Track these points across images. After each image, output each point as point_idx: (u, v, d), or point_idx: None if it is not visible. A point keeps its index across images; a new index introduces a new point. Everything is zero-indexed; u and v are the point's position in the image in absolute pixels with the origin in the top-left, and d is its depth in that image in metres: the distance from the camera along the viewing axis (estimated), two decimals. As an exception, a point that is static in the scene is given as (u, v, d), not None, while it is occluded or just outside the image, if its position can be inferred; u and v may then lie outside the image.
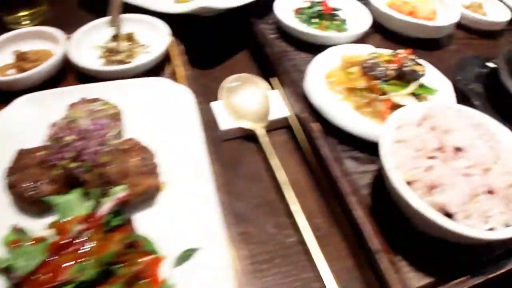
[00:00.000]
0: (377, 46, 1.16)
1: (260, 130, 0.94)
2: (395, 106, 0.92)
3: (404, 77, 0.95)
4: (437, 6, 1.32)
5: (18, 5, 1.23)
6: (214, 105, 0.99)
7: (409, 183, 0.73)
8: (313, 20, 1.20)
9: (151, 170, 0.75)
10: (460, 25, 1.37)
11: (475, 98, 1.01)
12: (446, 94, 1.00)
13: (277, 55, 1.12)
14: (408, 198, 0.70)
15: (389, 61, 0.98)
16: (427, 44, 1.24)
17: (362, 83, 0.96)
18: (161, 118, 0.88)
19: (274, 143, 0.91)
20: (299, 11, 1.23)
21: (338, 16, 1.21)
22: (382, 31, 1.27)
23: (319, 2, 1.22)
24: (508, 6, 1.47)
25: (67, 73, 1.04)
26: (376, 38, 1.25)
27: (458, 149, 0.76)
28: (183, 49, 1.09)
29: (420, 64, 0.98)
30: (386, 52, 1.02)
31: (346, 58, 1.04)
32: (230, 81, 1.05)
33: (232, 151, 0.93)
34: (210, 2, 1.08)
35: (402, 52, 0.99)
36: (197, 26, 1.20)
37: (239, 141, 0.96)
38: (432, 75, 1.05)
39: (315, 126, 0.92)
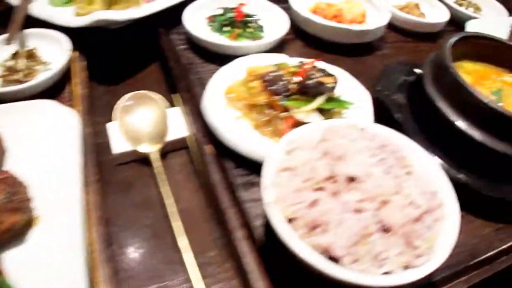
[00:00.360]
0: (299, 54, 1.05)
1: (154, 154, 0.82)
2: (299, 124, 0.80)
3: (309, 91, 0.83)
4: (367, 8, 1.21)
5: None
6: (109, 126, 0.87)
7: (291, 220, 0.60)
8: (225, 29, 1.08)
9: (19, 205, 0.66)
10: (395, 28, 1.26)
11: (396, 110, 0.89)
12: (363, 107, 0.88)
13: (182, 68, 1.01)
14: (286, 239, 0.57)
15: (294, 73, 0.85)
16: (355, 50, 1.12)
17: (262, 98, 0.84)
18: (42, 145, 0.78)
19: (172, 167, 0.84)
20: (211, 19, 1.11)
21: (252, 22, 1.08)
22: (304, 38, 1.15)
23: (232, 9, 1.10)
24: (447, 5, 1.36)
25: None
26: (297, 46, 1.13)
27: (351, 179, 0.63)
28: (84, 65, 0.97)
29: (331, 75, 0.86)
30: (293, 63, 0.89)
31: (250, 71, 0.91)
32: (126, 100, 0.93)
33: (125, 177, 0.83)
34: (108, 14, 0.96)
35: (308, 63, 0.87)
36: (103, 39, 1.08)
37: (133, 165, 0.85)
38: (350, 86, 0.93)
39: (208, 149, 0.81)
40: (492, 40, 0.97)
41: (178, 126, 0.90)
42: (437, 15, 1.31)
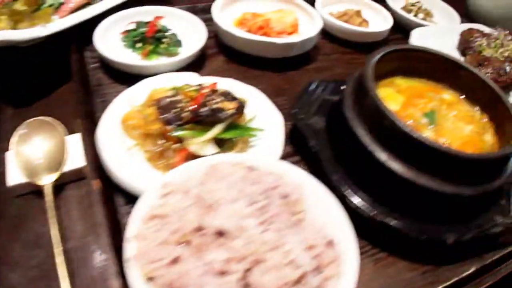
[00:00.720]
0: (220, 71, 0.95)
1: (47, 186, 0.72)
2: (195, 158, 0.69)
3: (204, 120, 0.72)
4: (300, 17, 1.10)
5: None
6: (7, 155, 0.77)
7: (151, 279, 0.50)
8: (138, 45, 0.97)
9: None
10: (332, 38, 1.15)
11: (312, 137, 0.78)
12: (274, 134, 0.78)
13: (87, 90, 0.90)
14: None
15: (192, 99, 0.75)
16: (284, 64, 1.02)
17: (155, 127, 0.73)
18: None
19: (69, 199, 0.74)
20: (125, 35, 1.00)
21: (167, 38, 0.97)
22: (228, 53, 1.04)
23: (146, 23, 0.99)
24: (392, 11, 1.25)
25: None
26: (220, 61, 1.02)
27: (220, 233, 0.52)
28: None
29: (234, 99, 0.75)
30: (194, 86, 0.79)
31: (151, 94, 0.81)
32: (23, 127, 0.82)
33: (18, 211, 0.73)
34: (10, 34, 0.85)
35: (207, 86, 0.76)
36: (12, 58, 0.97)
37: (28, 198, 0.75)
38: (265, 109, 0.83)
39: (95, 184, 0.71)
40: (427, 53, 0.86)
41: (77, 155, 0.79)
42: (382, 23, 1.20)
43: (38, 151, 0.79)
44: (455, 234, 0.69)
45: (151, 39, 0.96)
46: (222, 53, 1.04)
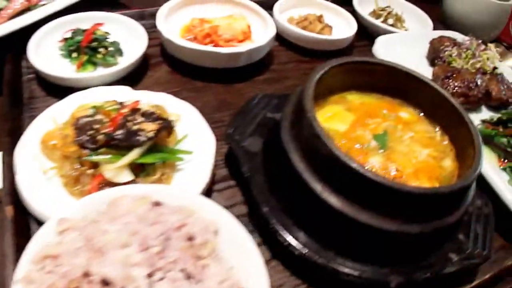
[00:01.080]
0: (162, 83, 0.86)
1: None
2: (113, 185, 0.61)
3: (119, 144, 0.63)
4: (254, 23, 1.01)
5: None
6: None
7: None
8: (73, 55, 0.88)
9: None
10: (290, 45, 1.06)
11: (247, 161, 0.69)
12: (204, 157, 0.69)
13: (16, 104, 0.81)
14: None
15: (111, 119, 0.66)
16: (232, 75, 0.93)
17: (73, 150, 0.65)
18: None
19: None
20: (62, 43, 0.91)
21: (105, 47, 0.88)
22: (172, 62, 0.95)
23: (84, 31, 0.90)
24: (359, 16, 1.16)
25: None
26: (163, 72, 0.93)
27: (105, 283, 0.44)
28: None
29: (157, 120, 0.67)
30: (116, 103, 0.70)
31: (75, 111, 0.72)
32: None
33: None
34: None
35: (128, 105, 0.68)
36: None
37: None
38: (198, 128, 0.74)
39: (8, 211, 0.62)
40: (382, 65, 0.78)
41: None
42: (347, 29, 1.11)
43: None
44: (401, 276, 0.61)
45: (86, 48, 0.87)
46: (165, 62, 0.95)
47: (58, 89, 0.83)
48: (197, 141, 0.72)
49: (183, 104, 0.77)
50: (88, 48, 0.87)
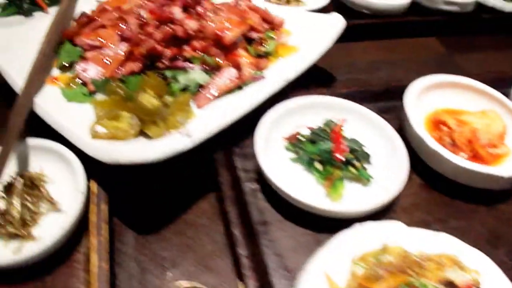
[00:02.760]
0: (419, 202, 0.76)
1: None
2: None
3: None
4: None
5: None
6: None
7: None
8: (317, 165, 0.76)
9: None
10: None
11: None
12: None
13: (247, 231, 0.70)
14: None
15: None
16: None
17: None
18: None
19: None
20: (292, 141, 0.80)
21: (359, 159, 0.76)
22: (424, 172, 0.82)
23: (323, 131, 0.78)
24: None
25: None
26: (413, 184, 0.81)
27: None
28: (105, 209, 0.69)
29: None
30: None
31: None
32: None
33: None
34: (130, 155, 0.67)
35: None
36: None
37: None
38: None
39: None
40: None
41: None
42: None
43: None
44: None
45: (340, 163, 0.74)
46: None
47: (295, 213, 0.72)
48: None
49: (476, 254, 0.65)
50: (343, 163, 0.75)
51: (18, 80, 0.79)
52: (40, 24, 0.91)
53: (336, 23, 0.97)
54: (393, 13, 1.26)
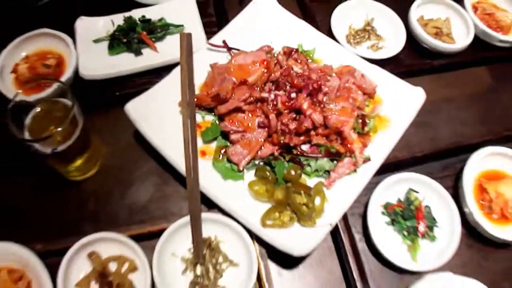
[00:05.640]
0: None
1: None
2: None
3: None
4: None
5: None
6: None
7: None
8: (405, 233, 1.15)
9: None
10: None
11: None
12: None
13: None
14: None
15: None
16: None
17: None
18: None
19: None
20: (389, 210, 1.16)
21: None
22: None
23: (409, 207, 1.14)
24: None
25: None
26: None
27: None
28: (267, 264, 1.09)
29: None
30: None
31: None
32: None
33: None
34: None
35: None
36: None
37: None
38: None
39: None
40: None
41: None
42: None
43: None
44: None
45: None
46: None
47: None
48: None
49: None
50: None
51: (176, 159, 1.10)
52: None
53: (419, 95, 1.23)
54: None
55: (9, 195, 1.19)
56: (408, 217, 1.14)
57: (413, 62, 1.46)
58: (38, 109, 1.08)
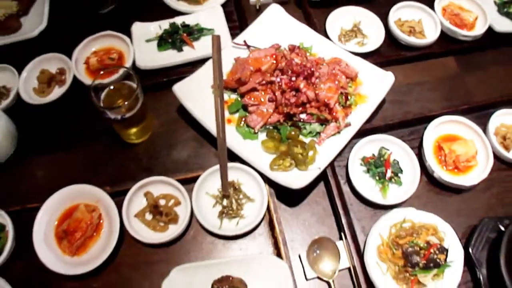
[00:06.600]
0: None
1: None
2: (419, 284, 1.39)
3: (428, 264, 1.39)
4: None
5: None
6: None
7: None
8: (377, 177, 1.56)
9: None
10: None
11: (482, 267, 1.43)
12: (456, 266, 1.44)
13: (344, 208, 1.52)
14: None
15: (421, 249, 1.40)
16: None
17: (401, 263, 1.41)
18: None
19: None
20: (365, 161, 1.56)
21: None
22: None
23: (382, 160, 1.54)
24: None
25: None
26: None
27: None
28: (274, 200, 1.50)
29: (442, 253, 1.40)
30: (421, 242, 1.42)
31: (395, 233, 1.45)
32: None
33: None
34: None
35: (432, 245, 1.40)
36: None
37: None
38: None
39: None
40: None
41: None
42: None
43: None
44: None
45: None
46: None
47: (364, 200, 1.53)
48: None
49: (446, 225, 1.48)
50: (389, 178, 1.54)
51: (210, 125, 1.53)
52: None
53: (390, 78, 1.62)
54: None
55: (89, 152, 1.66)
56: (378, 165, 1.54)
57: (391, 54, 1.85)
58: (111, 87, 1.53)
